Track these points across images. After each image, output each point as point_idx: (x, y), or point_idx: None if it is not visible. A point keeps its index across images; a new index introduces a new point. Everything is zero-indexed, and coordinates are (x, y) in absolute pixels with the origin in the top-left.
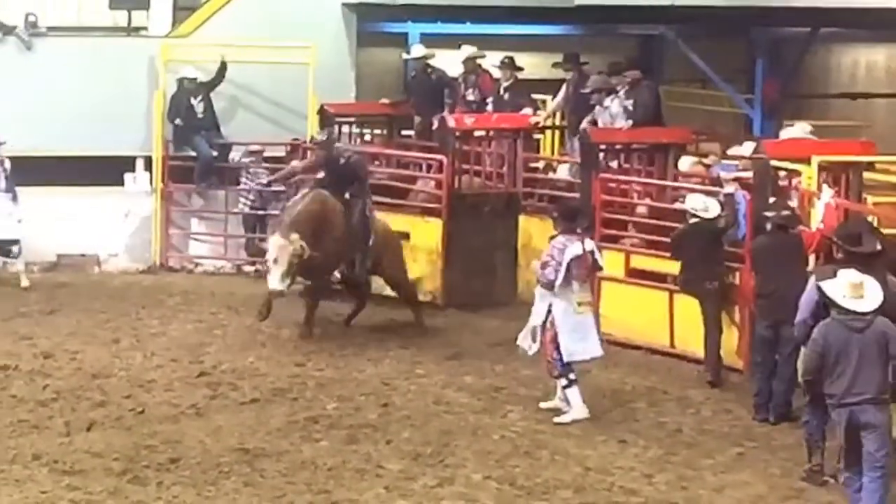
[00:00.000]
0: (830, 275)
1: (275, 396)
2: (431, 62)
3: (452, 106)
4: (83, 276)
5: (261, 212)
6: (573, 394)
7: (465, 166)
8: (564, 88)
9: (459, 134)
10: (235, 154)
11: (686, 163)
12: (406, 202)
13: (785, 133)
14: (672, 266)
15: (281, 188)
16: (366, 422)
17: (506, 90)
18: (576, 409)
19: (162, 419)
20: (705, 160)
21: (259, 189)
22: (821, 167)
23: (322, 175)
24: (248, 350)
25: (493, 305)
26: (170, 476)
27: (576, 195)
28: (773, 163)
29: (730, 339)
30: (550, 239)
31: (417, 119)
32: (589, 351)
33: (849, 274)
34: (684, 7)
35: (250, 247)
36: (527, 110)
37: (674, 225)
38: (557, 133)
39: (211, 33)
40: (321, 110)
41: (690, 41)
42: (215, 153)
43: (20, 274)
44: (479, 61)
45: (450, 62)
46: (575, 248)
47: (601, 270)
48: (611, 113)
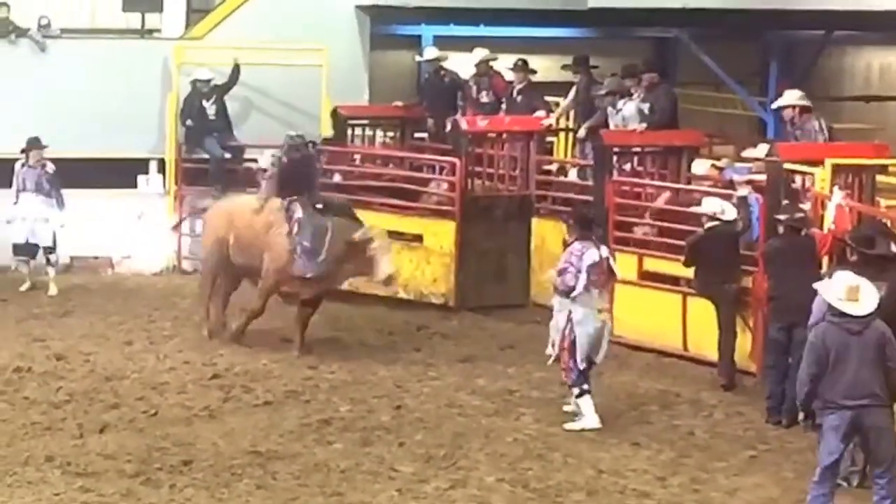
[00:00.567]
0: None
1: (288, 399)
2: (444, 65)
3: (465, 108)
4: (96, 279)
5: None
6: (586, 403)
7: (478, 169)
8: (574, 91)
9: (472, 136)
10: (259, 157)
11: (700, 166)
12: (419, 204)
13: (778, 102)
14: (685, 269)
15: None
16: (379, 424)
17: (519, 93)
18: (587, 419)
19: (175, 421)
20: (718, 163)
21: None
22: (834, 170)
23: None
24: (261, 352)
25: (506, 308)
26: (182, 478)
27: (587, 198)
28: (786, 165)
29: (743, 343)
30: (565, 246)
31: (430, 121)
32: (599, 356)
33: (846, 276)
34: (698, 10)
35: None
36: (540, 113)
37: (689, 229)
38: (571, 136)
39: (224, 35)
40: (334, 112)
41: (704, 44)
42: (228, 155)
43: (50, 282)
44: (492, 64)
45: (463, 65)
46: (592, 254)
47: (616, 278)
48: (623, 115)
